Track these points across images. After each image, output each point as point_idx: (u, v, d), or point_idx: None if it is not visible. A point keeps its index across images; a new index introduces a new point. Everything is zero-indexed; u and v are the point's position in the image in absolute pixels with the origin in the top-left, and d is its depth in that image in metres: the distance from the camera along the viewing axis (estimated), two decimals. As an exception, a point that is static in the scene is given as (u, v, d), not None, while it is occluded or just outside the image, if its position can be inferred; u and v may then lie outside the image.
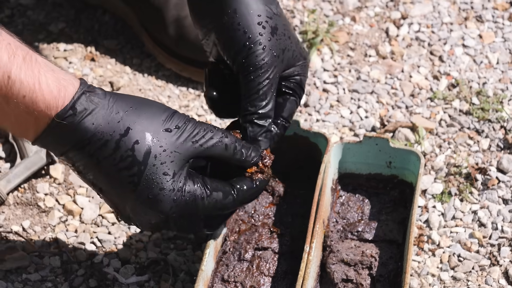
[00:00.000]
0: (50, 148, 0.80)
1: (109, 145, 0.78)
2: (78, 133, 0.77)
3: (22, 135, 0.80)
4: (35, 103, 0.75)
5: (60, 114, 0.76)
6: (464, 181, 1.10)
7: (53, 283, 0.99)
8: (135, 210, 0.81)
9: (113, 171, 0.79)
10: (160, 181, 0.80)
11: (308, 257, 0.88)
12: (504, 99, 1.20)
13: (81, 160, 0.79)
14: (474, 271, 1.00)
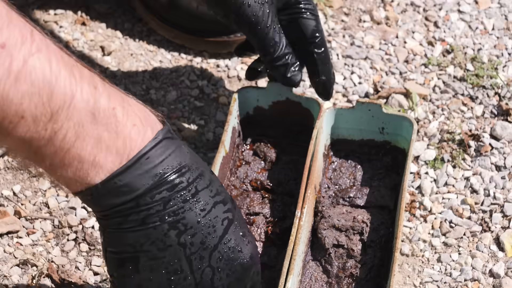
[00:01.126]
0: (131, 185, 0.68)
1: (206, 175, 0.72)
2: (177, 159, 0.70)
3: (92, 170, 0.66)
4: (128, 116, 0.67)
5: (161, 133, 0.69)
6: (457, 147, 1.10)
7: (45, 247, 0.99)
8: (217, 257, 0.73)
9: (210, 204, 0.72)
10: (245, 223, 0.77)
11: (300, 222, 0.88)
12: (499, 66, 1.20)
13: (173, 193, 0.69)
14: (465, 237, 1.01)
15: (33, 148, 0.64)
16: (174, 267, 0.71)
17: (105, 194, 0.68)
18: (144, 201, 0.68)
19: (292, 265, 0.85)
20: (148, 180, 0.68)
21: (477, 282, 0.97)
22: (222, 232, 0.73)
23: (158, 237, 0.70)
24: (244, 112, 1.02)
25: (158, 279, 0.72)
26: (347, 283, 0.92)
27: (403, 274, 0.98)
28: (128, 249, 0.71)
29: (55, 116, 0.63)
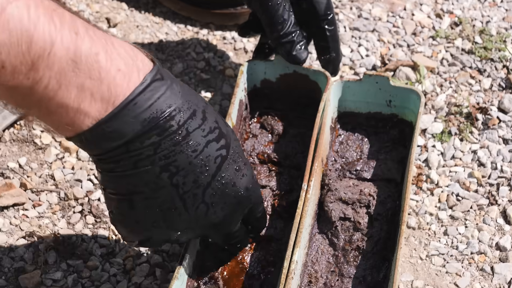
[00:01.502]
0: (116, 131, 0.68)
1: (198, 115, 0.72)
2: (167, 101, 0.70)
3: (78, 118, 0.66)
4: (112, 61, 0.66)
5: (148, 77, 0.68)
6: (465, 120, 1.10)
7: (51, 220, 1.00)
8: (211, 193, 0.75)
9: (202, 144, 0.73)
10: (242, 154, 0.78)
11: (306, 195, 0.89)
12: (507, 38, 1.20)
13: (162, 137, 0.70)
14: (472, 211, 1.02)
15: (19, 97, 0.64)
16: (168, 206, 0.74)
17: (95, 140, 0.68)
18: (134, 147, 0.69)
19: (298, 238, 0.86)
20: (137, 125, 0.68)
21: (484, 255, 0.98)
22: (215, 169, 0.74)
23: (150, 180, 0.72)
24: (252, 84, 1.02)
25: (154, 216, 0.75)
26: (354, 256, 0.93)
27: (410, 247, 0.98)
28: (122, 190, 0.73)
29: (35, 65, 0.62)
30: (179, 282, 0.85)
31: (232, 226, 0.82)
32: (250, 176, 0.79)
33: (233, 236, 0.84)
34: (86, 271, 0.95)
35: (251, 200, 0.81)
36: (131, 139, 0.69)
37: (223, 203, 0.77)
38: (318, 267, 0.92)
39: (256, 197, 0.82)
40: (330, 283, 0.91)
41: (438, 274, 0.96)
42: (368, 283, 0.91)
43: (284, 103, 1.03)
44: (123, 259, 0.96)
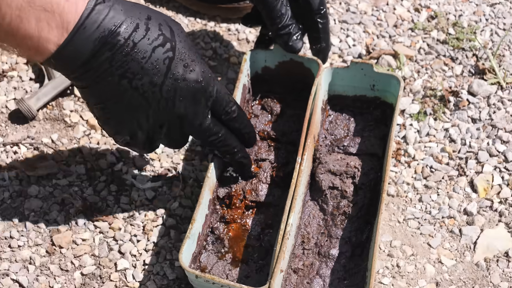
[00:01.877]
0: (74, 52, 0.72)
1: (141, 26, 0.75)
2: (111, 20, 0.73)
3: (42, 46, 0.71)
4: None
5: (90, 6, 0.71)
6: (438, 102, 1.11)
7: (79, 188, 1.01)
8: (166, 90, 0.78)
9: (149, 51, 0.75)
10: (190, 53, 0.80)
11: (300, 167, 0.90)
12: (477, 30, 1.20)
13: (114, 52, 0.73)
14: (443, 181, 1.03)
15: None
16: (135, 105, 0.78)
17: (60, 63, 0.73)
18: (91, 64, 0.74)
19: (293, 204, 0.87)
20: (90, 45, 0.72)
21: (453, 219, 0.99)
22: (165, 69, 0.77)
23: (113, 88, 0.76)
24: (254, 71, 1.02)
25: (127, 116, 0.80)
26: (341, 219, 0.94)
27: (389, 212, 1.00)
28: (95, 100, 0.78)
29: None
30: (190, 241, 0.86)
31: (200, 118, 0.84)
32: (199, 70, 0.81)
33: (209, 131, 0.86)
34: (111, 232, 0.97)
35: (206, 91, 0.82)
36: (88, 58, 0.73)
37: (180, 96, 0.80)
38: (310, 229, 0.94)
39: (211, 89, 0.83)
40: (320, 243, 0.92)
41: (414, 235, 0.97)
42: (353, 243, 0.92)
43: (282, 87, 1.04)
44: (142, 222, 0.98)
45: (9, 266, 0.94)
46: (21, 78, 1.13)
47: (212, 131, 0.87)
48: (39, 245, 0.96)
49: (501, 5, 1.24)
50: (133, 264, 0.95)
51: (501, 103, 1.11)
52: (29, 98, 1.07)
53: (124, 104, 0.79)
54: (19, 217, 0.98)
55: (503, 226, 0.98)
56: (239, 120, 0.90)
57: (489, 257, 0.96)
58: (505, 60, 1.16)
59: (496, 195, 1.02)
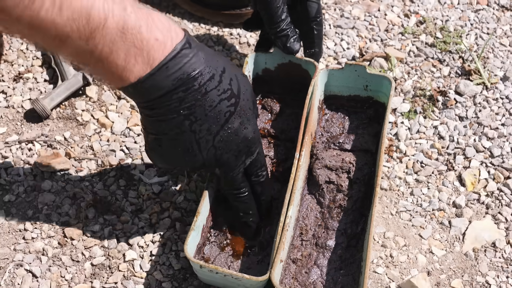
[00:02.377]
0: (152, 87, 0.72)
1: (216, 78, 0.75)
2: (192, 66, 0.72)
3: (123, 74, 0.71)
4: (152, 32, 0.69)
5: (179, 45, 0.71)
6: (428, 101, 1.08)
7: (90, 183, 0.98)
8: (219, 140, 0.78)
9: (217, 101, 0.75)
10: (248, 112, 0.80)
11: (298, 163, 0.87)
12: (463, 34, 1.18)
13: (187, 93, 0.73)
14: (433, 175, 1.00)
15: (82, 57, 0.69)
16: (187, 147, 0.78)
17: (137, 92, 0.73)
18: (165, 99, 0.73)
19: (292, 197, 0.85)
20: (168, 83, 0.72)
21: (443, 211, 0.96)
22: (224, 121, 0.77)
23: (175, 125, 0.76)
24: (255, 73, 1.00)
25: (176, 154, 0.79)
26: (337, 212, 0.92)
27: (382, 205, 0.97)
28: (154, 131, 0.78)
29: (93, 34, 0.66)
30: (195, 232, 0.84)
31: (235, 170, 0.83)
32: (251, 129, 0.81)
33: (237, 184, 0.85)
34: (119, 224, 0.94)
35: (250, 149, 0.82)
36: (164, 93, 0.73)
37: (228, 148, 0.80)
38: (308, 222, 0.92)
39: (254, 149, 0.83)
40: (318, 234, 0.90)
41: (406, 226, 0.95)
42: (348, 234, 0.90)
43: (281, 88, 1.01)
44: (149, 215, 0.95)
45: (23, 257, 0.91)
46: (36, 80, 1.11)
47: (240, 185, 0.85)
48: (51, 237, 0.93)
49: (485, 11, 1.22)
50: (140, 255, 0.92)
51: (486, 102, 1.09)
52: (44, 98, 1.05)
53: (178, 143, 0.78)
54: (33, 211, 0.96)
55: (490, 218, 0.96)
56: (263, 185, 0.88)
57: (477, 247, 0.93)
58: (489, 62, 1.14)
59: (483, 188, 0.99)
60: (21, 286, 0.88)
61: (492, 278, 0.90)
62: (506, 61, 1.13)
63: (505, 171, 0.99)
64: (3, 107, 1.06)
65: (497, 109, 1.07)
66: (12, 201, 0.96)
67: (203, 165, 0.80)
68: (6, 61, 1.12)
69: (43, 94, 1.08)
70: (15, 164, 1.00)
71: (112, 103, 1.07)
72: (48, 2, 0.63)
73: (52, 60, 1.09)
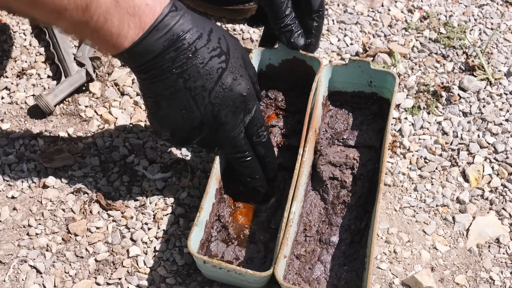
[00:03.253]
0: (145, 51, 0.76)
1: (204, 36, 0.79)
2: (180, 27, 0.76)
3: (118, 41, 0.76)
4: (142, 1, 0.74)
5: (167, 9, 0.75)
6: (431, 97, 1.08)
7: (94, 178, 0.98)
8: (214, 96, 0.81)
9: (207, 58, 0.79)
10: (240, 69, 0.83)
11: (302, 159, 0.87)
12: (466, 29, 1.17)
13: (178, 53, 0.77)
14: (437, 171, 1.00)
15: (78, 28, 0.74)
16: (184, 104, 0.80)
17: (132, 56, 0.77)
18: (157, 60, 0.77)
19: (296, 193, 0.85)
20: (159, 45, 0.76)
21: (446, 207, 0.96)
22: (217, 77, 0.80)
23: (170, 85, 0.79)
24: (259, 69, 0.99)
25: (175, 114, 0.82)
26: (340, 208, 0.92)
27: (386, 200, 0.97)
28: (152, 94, 0.81)
29: (88, 6, 0.71)
30: (198, 228, 0.84)
31: (235, 129, 0.85)
32: (245, 85, 0.83)
33: (240, 145, 0.87)
34: (123, 220, 0.94)
35: (247, 105, 0.84)
36: (156, 55, 0.77)
37: (225, 104, 0.82)
38: (311, 218, 0.91)
39: (251, 106, 0.85)
40: (321, 230, 0.90)
41: (410, 222, 0.95)
42: (352, 230, 0.90)
43: (285, 84, 1.01)
44: (152, 211, 0.95)
45: (27, 253, 0.91)
46: (39, 76, 1.11)
47: (242, 147, 0.87)
48: (55, 233, 0.93)
49: (489, 6, 1.22)
50: (144, 250, 0.92)
51: (490, 98, 1.08)
52: (47, 94, 1.05)
53: (175, 102, 0.81)
54: (37, 207, 0.96)
55: (494, 214, 0.96)
56: (266, 146, 0.90)
57: (481, 243, 0.93)
58: (493, 58, 1.14)
59: (486, 184, 0.99)
60: (25, 282, 0.88)
61: (496, 274, 0.90)
62: (510, 56, 1.13)
63: (509, 167, 0.99)
64: (6, 103, 1.06)
65: (501, 105, 1.07)
66: (16, 197, 0.96)
67: (202, 124, 0.82)
68: (10, 57, 1.12)
69: (46, 90, 1.08)
70: (19, 160, 1.00)
71: (116, 99, 1.07)
72: None
73: (55, 56, 1.09)
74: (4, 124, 1.04)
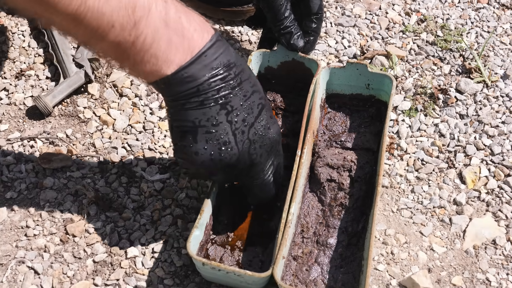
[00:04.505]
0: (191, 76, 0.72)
1: (246, 71, 0.77)
2: (227, 56, 0.74)
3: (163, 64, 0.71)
4: (191, 23, 0.71)
5: (215, 36, 0.73)
6: (428, 99, 1.08)
7: (92, 180, 0.98)
8: (253, 132, 0.77)
9: (250, 92, 0.76)
10: (271, 110, 0.80)
11: (300, 160, 0.87)
12: (463, 32, 1.17)
13: (224, 82, 0.73)
14: (434, 173, 1.00)
15: (121, 50, 0.69)
16: (224, 140, 0.76)
17: (175, 83, 0.72)
18: (203, 88, 0.73)
19: (294, 194, 0.84)
20: (206, 72, 0.73)
21: (443, 209, 0.96)
22: (257, 113, 0.77)
23: (212, 115, 0.74)
24: (257, 71, 0.99)
25: (211, 149, 0.76)
26: (338, 210, 0.92)
27: (383, 202, 0.97)
28: (189, 124, 0.75)
29: (137, 24, 0.67)
30: (198, 230, 0.83)
31: (266, 171, 0.83)
32: (278, 127, 0.82)
33: (268, 192, 0.86)
34: (121, 221, 0.94)
35: (278, 147, 0.82)
36: (202, 82, 0.73)
37: (262, 143, 0.79)
38: (309, 219, 0.91)
39: (280, 148, 0.83)
40: (319, 232, 0.90)
41: (407, 224, 0.95)
42: (349, 233, 0.90)
43: (284, 86, 1.00)
44: (151, 212, 0.95)
45: (25, 254, 0.91)
46: (38, 77, 1.11)
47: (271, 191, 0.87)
48: (53, 234, 0.93)
49: (485, 10, 1.22)
50: (142, 252, 0.92)
51: (486, 100, 1.08)
52: (46, 95, 1.05)
53: (214, 135, 0.76)
54: (35, 208, 0.95)
55: (490, 216, 0.96)
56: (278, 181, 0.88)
57: (478, 245, 0.93)
58: (490, 60, 1.14)
59: (483, 186, 0.99)
60: (23, 283, 0.88)
61: (493, 275, 0.90)
62: (507, 59, 1.13)
63: (506, 169, 0.99)
64: (5, 104, 1.06)
65: (498, 107, 1.07)
66: (14, 198, 0.96)
67: (238, 162, 0.78)
68: (8, 58, 1.12)
69: (45, 91, 1.08)
70: (17, 161, 0.99)
71: (114, 100, 1.07)
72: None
73: (54, 57, 1.09)
74: (2, 125, 1.03)
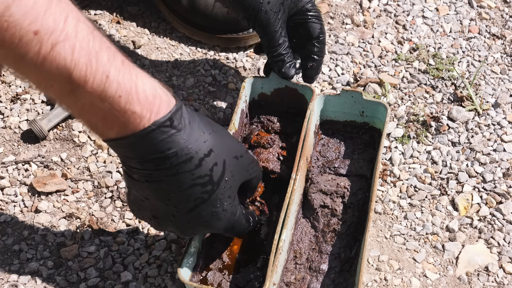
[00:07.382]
0: (125, 151, 0.68)
1: (193, 161, 0.69)
2: (167, 144, 0.67)
3: (101, 133, 0.67)
4: (130, 104, 0.64)
5: (157, 122, 0.66)
6: (421, 127, 1.08)
7: (86, 203, 0.98)
8: (186, 223, 0.74)
9: (188, 185, 0.70)
10: (224, 201, 0.74)
11: (293, 186, 0.87)
12: (455, 61, 1.18)
13: (156, 169, 0.68)
14: (427, 199, 1.00)
15: (65, 105, 0.65)
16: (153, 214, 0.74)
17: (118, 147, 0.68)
18: (137, 166, 0.69)
19: (286, 221, 0.84)
20: (140, 155, 0.68)
21: (436, 235, 0.96)
22: (192, 206, 0.72)
23: (148, 191, 0.71)
24: (251, 97, 1.00)
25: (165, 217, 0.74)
26: (331, 236, 0.91)
27: (376, 228, 0.97)
28: (128, 186, 0.73)
29: (74, 91, 0.63)
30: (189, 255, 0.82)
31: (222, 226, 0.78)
32: (225, 221, 0.76)
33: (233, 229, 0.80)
34: (115, 246, 0.93)
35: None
36: (137, 161, 0.68)
37: (201, 228, 0.76)
38: (302, 245, 0.91)
39: (237, 230, 0.79)
40: (311, 258, 0.90)
41: (400, 250, 0.94)
42: (342, 259, 0.89)
43: (276, 113, 1.00)
44: (145, 236, 0.94)
45: (18, 278, 0.90)
46: (33, 101, 1.11)
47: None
48: (46, 258, 0.92)
49: (476, 39, 1.23)
50: (135, 276, 0.91)
51: (478, 128, 1.09)
52: (41, 119, 1.05)
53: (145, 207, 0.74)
54: (29, 231, 0.95)
55: (483, 242, 0.96)
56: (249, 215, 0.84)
57: (471, 271, 0.93)
58: (481, 89, 1.14)
59: (475, 213, 0.99)
60: (16, 307, 0.87)
61: (485, 302, 0.89)
62: (497, 88, 1.14)
63: (497, 196, 0.99)
64: (0, 127, 1.06)
65: (489, 135, 1.07)
66: (8, 221, 0.95)
67: (184, 234, 0.77)
68: (4, 82, 1.12)
69: (40, 115, 1.08)
70: (12, 185, 0.99)
71: (109, 125, 1.06)
72: (31, 53, 0.59)
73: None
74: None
